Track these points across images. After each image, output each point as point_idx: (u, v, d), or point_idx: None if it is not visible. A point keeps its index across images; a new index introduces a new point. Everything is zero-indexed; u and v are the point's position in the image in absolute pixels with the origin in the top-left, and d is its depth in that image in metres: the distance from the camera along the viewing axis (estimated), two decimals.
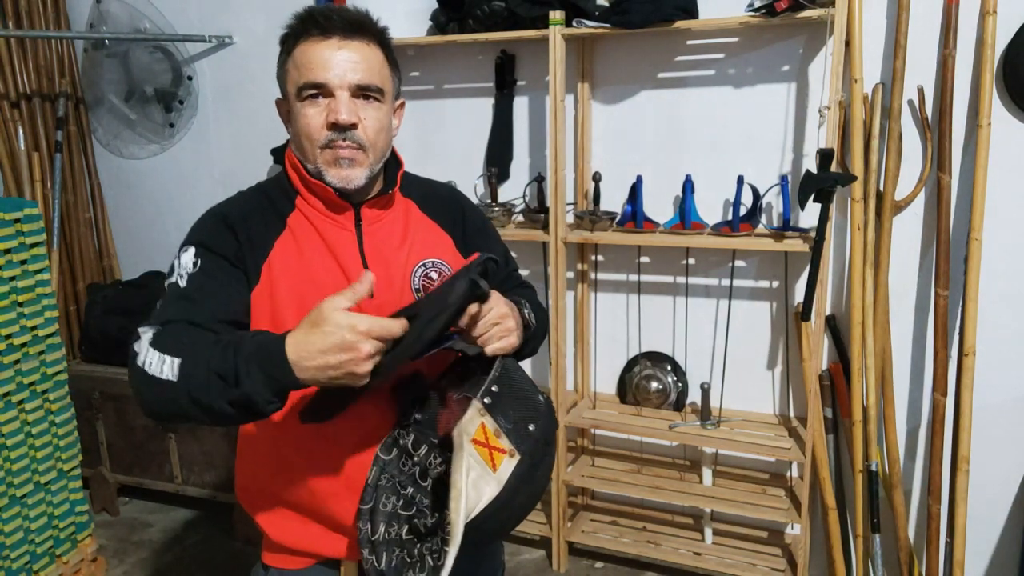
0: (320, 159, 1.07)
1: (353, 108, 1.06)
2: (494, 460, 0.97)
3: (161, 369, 0.92)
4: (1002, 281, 1.99)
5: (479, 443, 0.97)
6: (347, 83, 1.05)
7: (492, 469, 0.96)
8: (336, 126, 1.05)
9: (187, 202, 2.95)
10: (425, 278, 1.13)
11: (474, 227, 1.25)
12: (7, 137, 2.81)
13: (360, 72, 1.06)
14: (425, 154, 2.55)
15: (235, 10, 2.70)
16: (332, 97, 1.06)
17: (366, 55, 1.07)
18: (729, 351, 2.33)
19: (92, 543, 2.36)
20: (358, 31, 1.07)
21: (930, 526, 2.06)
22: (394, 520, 0.99)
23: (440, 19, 2.31)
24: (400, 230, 1.15)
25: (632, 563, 2.44)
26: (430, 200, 1.22)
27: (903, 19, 1.91)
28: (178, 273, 1.05)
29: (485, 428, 0.98)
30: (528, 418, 1.02)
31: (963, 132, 1.97)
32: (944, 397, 2.00)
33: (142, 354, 0.95)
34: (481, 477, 0.94)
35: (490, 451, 0.97)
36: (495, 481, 0.95)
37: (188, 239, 1.09)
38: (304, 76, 1.05)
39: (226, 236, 1.08)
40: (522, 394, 1.03)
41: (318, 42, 1.05)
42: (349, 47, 1.06)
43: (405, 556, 0.97)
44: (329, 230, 1.11)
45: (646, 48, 2.24)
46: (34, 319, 2.11)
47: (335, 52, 1.05)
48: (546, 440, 1.03)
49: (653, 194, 2.29)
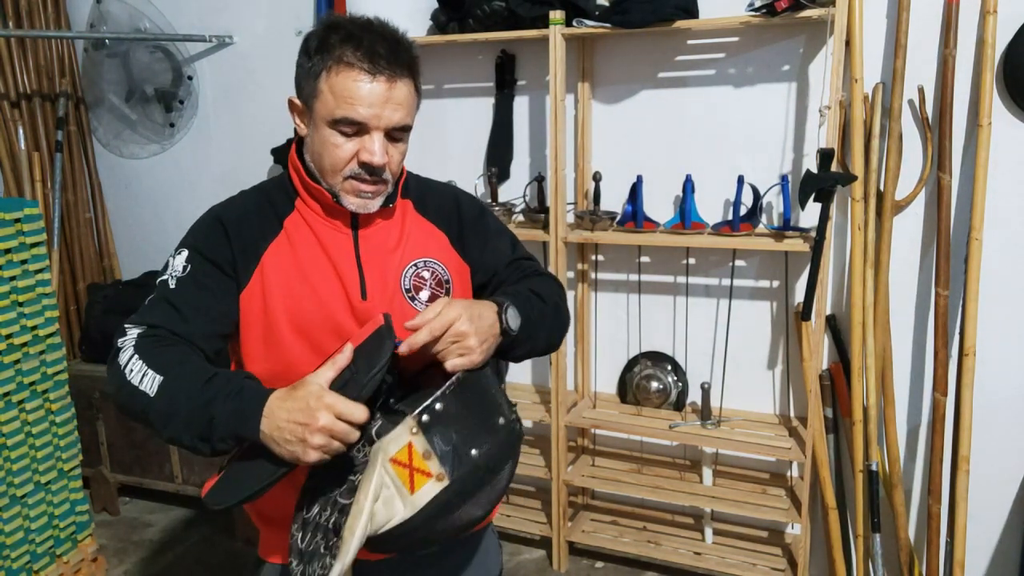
0: (341, 187, 1.07)
1: (384, 147, 1.05)
2: (414, 482, 0.92)
3: (141, 380, 0.97)
4: (1002, 281, 1.99)
5: (399, 463, 0.92)
6: (385, 125, 1.04)
7: (409, 491, 0.91)
8: (367, 165, 1.04)
9: (187, 202, 2.95)
10: (416, 277, 1.13)
11: (470, 219, 1.22)
12: (7, 137, 2.81)
13: (400, 114, 1.04)
14: (425, 154, 2.55)
15: (235, 10, 2.70)
16: (367, 134, 1.04)
17: (406, 94, 1.05)
18: (729, 351, 2.33)
19: (92, 543, 2.36)
20: (401, 68, 1.04)
21: (930, 526, 2.06)
22: (328, 505, 0.96)
23: (440, 19, 2.31)
24: (396, 233, 1.15)
25: (632, 563, 2.44)
26: (426, 199, 1.22)
27: (903, 19, 1.91)
28: (169, 273, 1.08)
29: (412, 448, 0.92)
30: (474, 442, 0.95)
31: (963, 132, 1.96)
32: (944, 397, 2.00)
33: (125, 357, 0.99)
34: (395, 496, 0.91)
35: (411, 472, 0.92)
36: (411, 503, 0.91)
37: (183, 241, 1.11)
38: (343, 111, 1.02)
39: (220, 240, 1.09)
40: (476, 414, 0.97)
41: (364, 80, 1.01)
42: (394, 88, 1.03)
43: (321, 546, 0.94)
44: (325, 233, 1.11)
45: (646, 48, 2.24)
46: (34, 319, 2.11)
47: (380, 94, 1.02)
48: (489, 467, 0.96)
49: (653, 194, 2.29)
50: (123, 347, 1.01)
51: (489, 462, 0.96)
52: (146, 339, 1.01)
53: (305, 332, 1.06)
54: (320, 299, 1.08)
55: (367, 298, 1.09)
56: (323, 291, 1.08)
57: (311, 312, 1.08)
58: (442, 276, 1.15)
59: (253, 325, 1.08)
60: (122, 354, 1.00)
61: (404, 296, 1.11)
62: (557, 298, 1.20)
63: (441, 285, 1.14)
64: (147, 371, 0.97)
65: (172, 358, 0.99)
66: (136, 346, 1.00)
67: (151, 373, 0.97)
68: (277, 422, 0.90)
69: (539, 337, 1.14)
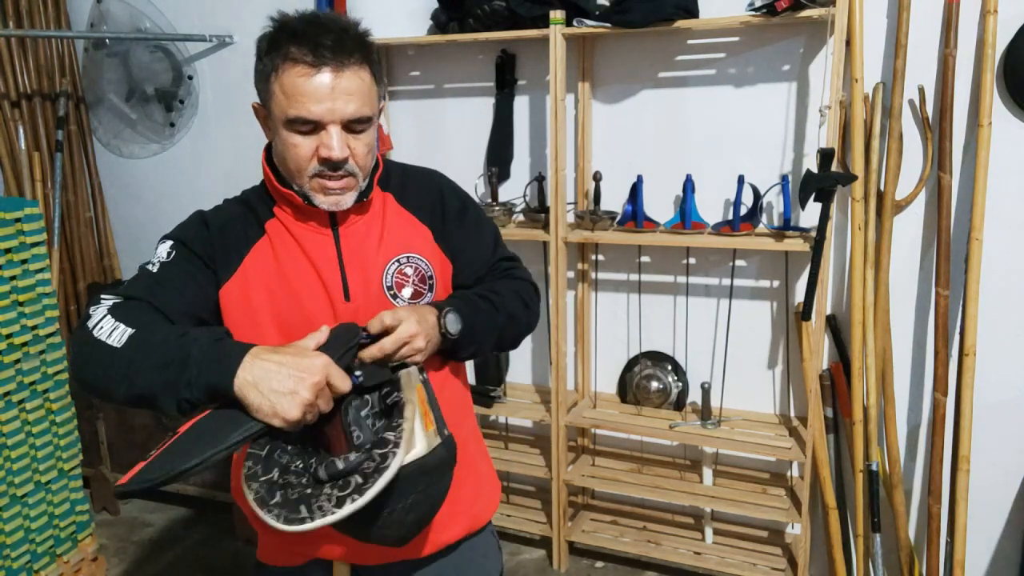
0: (308, 186, 1.06)
1: (344, 141, 1.02)
2: (425, 422, 0.94)
3: (110, 335, 0.95)
4: (1002, 281, 1.99)
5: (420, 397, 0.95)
6: (339, 117, 1.01)
7: (424, 427, 0.93)
8: (327, 161, 1.02)
9: (187, 202, 2.92)
10: (399, 274, 1.12)
11: (453, 213, 1.20)
12: (7, 136, 2.81)
13: (353, 104, 1.01)
14: (425, 154, 2.55)
15: (235, 10, 2.70)
16: (323, 130, 1.02)
17: (357, 84, 1.01)
18: (729, 351, 2.33)
19: (92, 542, 2.36)
20: (348, 57, 1.00)
21: (930, 526, 2.06)
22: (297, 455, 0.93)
23: (440, 18, 2.31)
24: (378, 229, 1.13)
25: (632, 563, 2.44)
26: (408, 190, 1.19)
27: (904, 19, 1.91)
28: (152, 261, 1.09)
29: (421, 392, 0.96)
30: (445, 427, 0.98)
31: (963, 132, 1.96)
32: (944, 397, 2.00)
33: (95, 319, 0.98)
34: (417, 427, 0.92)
35: (424, 411, 0.94)
36: (422, 441, 0.92)
37: (168, 234, 1.13)
38: (294, 109, 1.00)
39: (203, 237, 1.10)
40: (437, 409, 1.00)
41: (308, 74, 0.99)
42: (341, 77, 1.00)
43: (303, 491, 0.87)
44: (305, 235, 1.10)
45: (647, 47, 2.24)
46: (35, 318, 2.11)
47: (327, 87, 0.99)
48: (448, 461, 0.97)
49: (653, 194, 2.29)
50: (94, 313, 0.99)
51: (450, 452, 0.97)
52: (122, 304, 1.01)
53: (290, 336, 1.05)
54: (302, 303, 1.08)
55: (350, 299, 1.09)
56: (305, 295, 1.08)
57: (294, 315, 1.08)
58: (425, 272, 1.13)
59: (238, 327, 1.07)
60: (92, 318, 0.99)
61: (387, 295, 1.10)
62: (517, 304, 1.19)
63: (424, 281, 1.13)
64: (118, 326, 0.96)
65: (148, 318, 0.99)
66: (111, 308, 1.00)
67: (122, 327, 0.95)
68: (266, 369, 0.88)
69: (484, 341, 1.14)
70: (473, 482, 1.21)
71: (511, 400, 2.52)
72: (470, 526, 1.21)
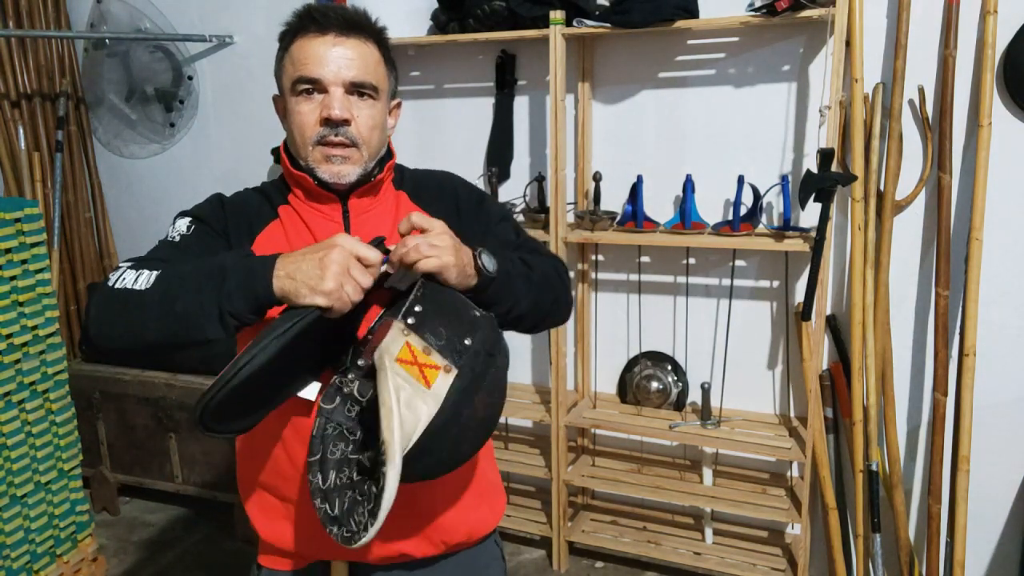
0: (312, 156, 1.08)
1: (346, 104, 1.06)
2: (426, 377, 0.92)
3: (135, 282, 0.95)
4: (1002, 281, 1.99)
5: (405, 362, 0.92)
6: (341, 79, 1.05)
7: (425, 386, 0.92)
8: (329, 121, 1.05)
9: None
10: None
11: (469, 205, 1.20)
12: (7, 137, 2.81)
13: (355, 69, 1.06)
14: (425, 154, 2.55)
15: (235, 10, 2.70)
16: (326, 93, 1.06)
17: (361, 52, 1.07)
18: (729, 351, 2.33)
19: (92, 543, 2.36)
20: (355, 28, 1.07)
21: (930, 526, 2.06)
22: (344, 465, 0.96)
23: (440, 19, 2.31)
24: (390, 222, 1.14)
25: (632, 563, 2.44)
26: (422, 190, 1.20)
27: (904, 19, 1.91)
28: (171, 235, 1.11)
29: (411, 347, 0.93)
30: (463, 333, 0.95)
31: (963, 132, 1.96)
32: (944, 397, 2.00)
33: (114, 277, 0.98)
34: (415, 396, 0.90)
35: (420, 368, 0.93)
36: (431, 398, 0.91)
37: (186, 211, 1.15)
38: (299, 70, 1.06)
39: (219, 216, 1.14)
40: (452, 311, 0.96)
41: (314, 38, 1.06)
42: (345, 44, 1.06)
43: (356, 495, 0.93)
44: (317, 222, 1.12)
45: (646, 48, 2.24)
46: (35, 319, 2.11)
47: (331, 48, 1.05)
48: (488, 351, 0.96)
49: (653, 194, 2.29)
50: (112, 276, 0.99)
51: (484, 346, 0.96)
52: (143, 262, 1.02)
53: None
54: None
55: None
56: None
57: None
58: None
59: None
60: (110, 279, 0.99)
61: None
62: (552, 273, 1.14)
63: None
64: (141, 272, 0.96)
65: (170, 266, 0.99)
66: (132, 264, 1.00)
67: (146, 272, 0.96)
68: (295, 260, 0.91)
69: (520, 295, 1.07)
70: (477, 487, 1.20)
71: (511, 400, 2.52)
72: (472, 531, 1.20)
